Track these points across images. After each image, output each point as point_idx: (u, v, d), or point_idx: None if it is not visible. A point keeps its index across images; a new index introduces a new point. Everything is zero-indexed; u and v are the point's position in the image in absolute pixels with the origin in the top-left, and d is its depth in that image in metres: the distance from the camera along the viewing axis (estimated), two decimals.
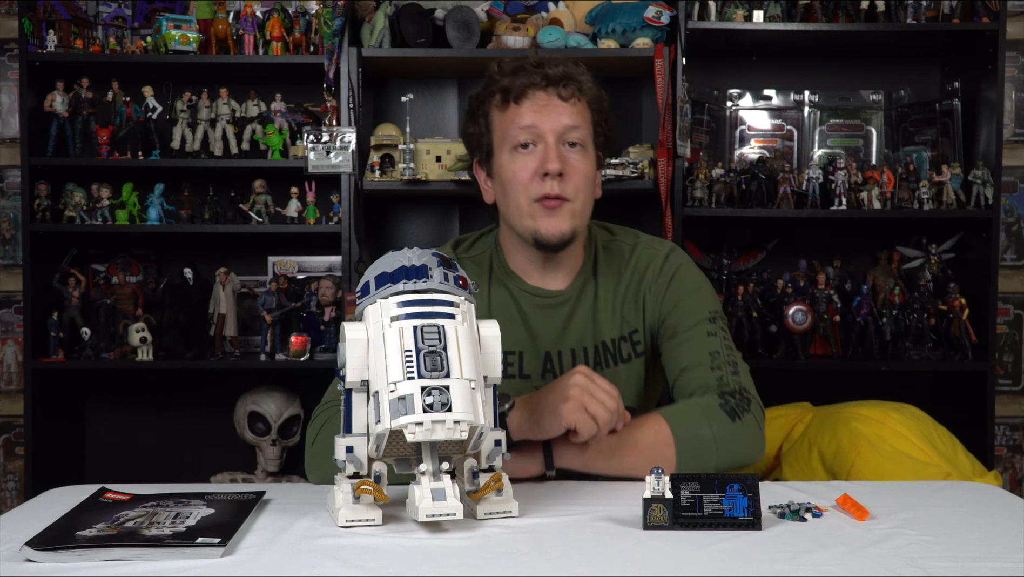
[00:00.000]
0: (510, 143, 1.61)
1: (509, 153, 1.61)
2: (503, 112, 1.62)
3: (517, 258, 1.70)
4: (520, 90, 1.60)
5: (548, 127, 1.59)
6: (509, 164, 1.61)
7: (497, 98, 1.63)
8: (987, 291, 2.76)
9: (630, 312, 1.69)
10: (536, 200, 1.59)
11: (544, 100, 1.60)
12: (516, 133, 1.60)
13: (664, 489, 1.19)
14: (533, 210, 1.59)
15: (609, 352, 1.68)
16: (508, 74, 1.62)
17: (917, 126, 3.02)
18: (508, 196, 1.62)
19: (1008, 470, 3.20)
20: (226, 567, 1.06)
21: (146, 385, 3.12)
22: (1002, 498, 1.41)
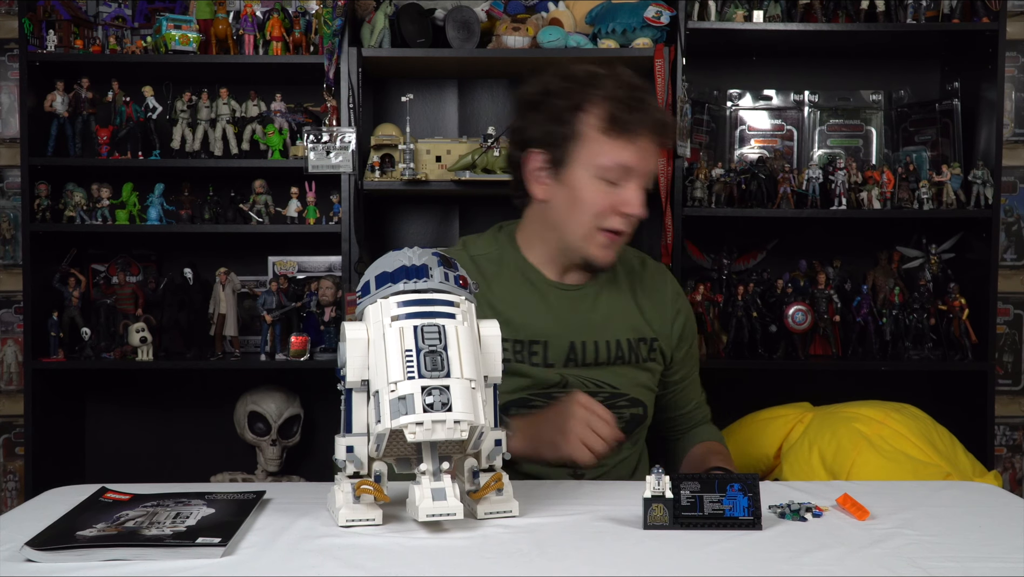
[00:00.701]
0: (599, 170, 1.61)
1: (593, 177, 1.62)
2: (605, 136, 1.61)
3: (540, 255, 1.73)
4: (634, 128, 1.60)
5: (642, 172, 1.63)
6: (590, 187, 1.62)
7: (600, 119, 1.61)
8: (987, 291, 2.76)
9: (654, 323, 1.77)
10: (601, 229, 1.64)
11: (647, 145, 1.62)
12: (611, 166, 1.61)
13: (664, 489, 1.19)
14: (594, 237, 1.65)
15: (632, 350, 1.73)
16: (621, 102, 1.60)
17: (917, 126, 3.02)
18: (573, 214, 1.64)
19: (1008, 470, 3.20)
20: (226, 567, 1.06)
21: (146, 385, 3.12)
22: (1002, 498, 1.41)
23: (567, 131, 1.62)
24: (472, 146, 2.79)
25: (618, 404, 1.72)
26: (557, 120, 1.63)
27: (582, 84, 1.63)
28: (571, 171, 1.63)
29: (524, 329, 1.68)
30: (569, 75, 1.65)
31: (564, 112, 1.62)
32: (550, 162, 1.65)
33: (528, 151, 1.67)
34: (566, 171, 1.63)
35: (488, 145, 2.72)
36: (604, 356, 1.71)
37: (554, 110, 1.63)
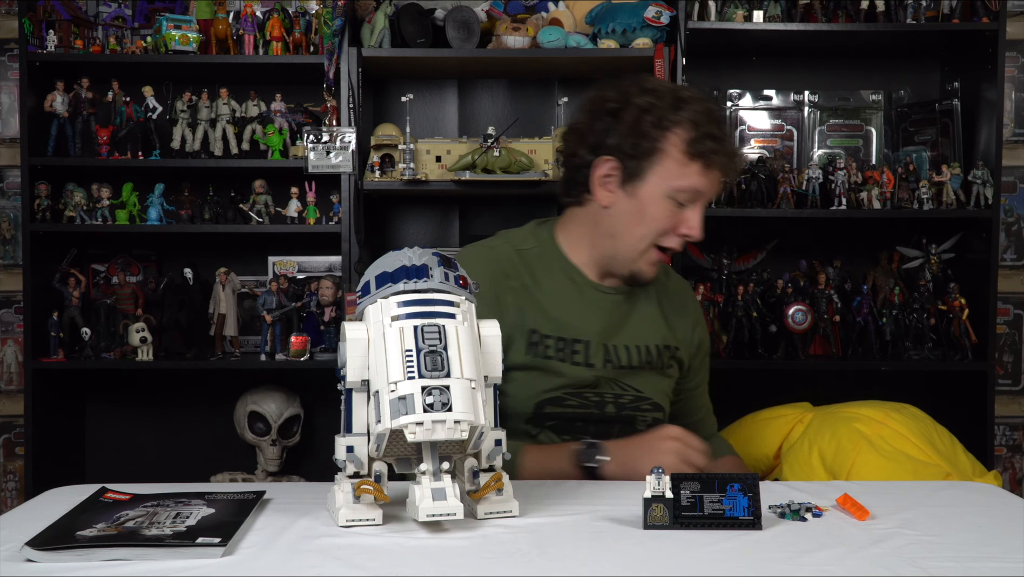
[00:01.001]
0: (673, 191, 1.64)
1: (665, 196, 1.65)
2: (685, 159, 1.63)
3: (584, 256, 1.76)
4: (713, 157, 1.64)
5: (708, 198, 1.69)
6: (659, 205, 1.65)
7: (683, 145, 1.63)
8: (987, 291, 2.76)
9: (676, 331, 1.81)
10: (656, 247, 1.68)
11: (719, 174, 1.67)
12: (686, 188, 1.64)
13: (664, 489, 1.19)
14: (647, 253, 1.69)
15: (660, 356, 1.78)
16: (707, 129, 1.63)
17: (917, 126, 3.02)
18: (635, 227, 1.67)
19: (1008, 470, 3.20)
20: (226, 567, 1.06)
21: (146, 385, 3.12)
22: (1002, 498, 1.41)
23: (649, 147, 1.64)
24: (472, 146, 2.79)
25: (642, 407, 1.76)
26: (641, 134, 1.64)
27: (670, 104, 1.65)
28: (644, 186, 1.65)
29: (569, 328, 1.71)
30: (653, 90, 1.67)
31: (650, 128, 1.64)
32: (622, 172, 1.67)
33: (601, 157, 1.68)
34: (638, 185, 1.66)
35: (488, 145, 2.72)
36: (636, 360, 1.75)
37: (639, 124, 1.64)
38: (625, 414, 1.75)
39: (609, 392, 1.73)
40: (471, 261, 1.70)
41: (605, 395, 1.73)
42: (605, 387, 1.73)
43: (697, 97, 1.68)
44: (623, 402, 1.74)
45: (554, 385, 1.69)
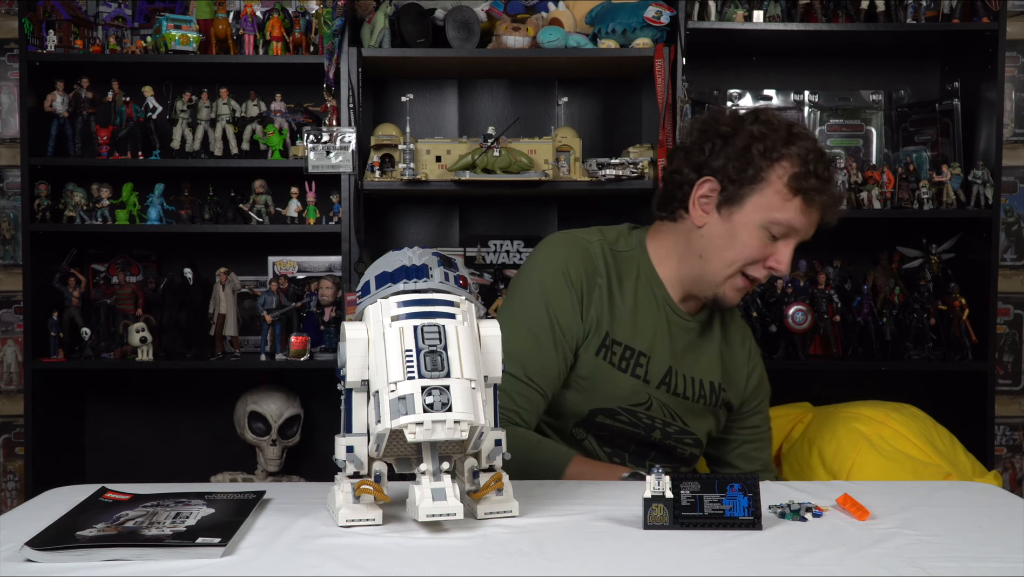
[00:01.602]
0: (769, 223, 1.64)
1: (759, 226, 1.64)
2: (787, 192, 1.63)
3: (670, 272, 1.75)
4: (815, 196, 1.63)
5: (799, 236, 1.67)
6: (752, 233, 1.65)
7: (789, 180, 1.62)
8: (987, 291, 2.76)
9: (729, 372, 1.81)
10: (740, 275, 1.67)
11: (815, 216, 1.66)
12: (782, 222, 1.64)
13: (664, 489, 1.19)
14: (732, 280, 1.68)
15: (713, 393, 1.78)
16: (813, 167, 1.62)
17: (917, 126, 3.02)
18: (725, 252, 1.67)
19: (1008, 470, 3.20)
20: (226, 567, 1.06)
21: (146, 385, 3.12)
22: (1002, 498, 1.41)
23: (753, 174, 1.64)
24: (472, 146, 2.79)
25: (685, 441, 1.78)
26: (748, 160, 1.64)
27: (782, 137, 1.65)
28: (741, 212, 1.65)
29: (639, 339, 1.71)
30: (767, 121, 1.67)
31: (758, 156, 1.63)
32: (721, 194, 1.67)
33: (705, 177, 1.68)
34: (736, 210, 1.65)
35: (488, 145, 2.72)
36: (691, 391, 1.75)
37: (748, 150, 1.64)
38: (668, 443, 1.77)
39: (660, 417, 1.74)
40: (567, 248, 1.72)
41: (656, 420, 1.74)
42: (657, 411, 1.73)
43: (809, 136, 1.69)
44: (669, 431, 1.76)
45: (611, 395, 1.70)
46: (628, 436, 1.74)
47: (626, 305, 1.71)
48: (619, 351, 1.70)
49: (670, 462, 1.77)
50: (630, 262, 1.75)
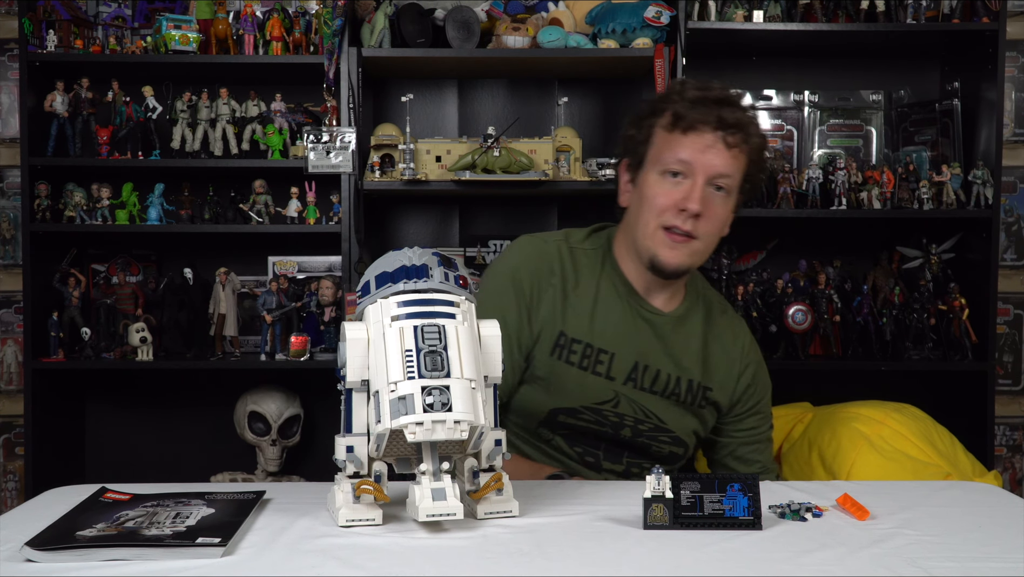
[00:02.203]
0: (662, 167, 1.64)
1: (658, 175, 1.65)
2: (668, 135, 1.64)
3: (628, 266, 1.75)
4: (691, 123, 1.62)
5: (701, 167, 1.63)
6: (654, 186, 1.65)
7: (667, 119, 1.65)
8: (987, 291, 2.76)
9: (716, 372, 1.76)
10: (664, 228, 1.65)
11: (709, 141, 1.63)
12: (670, 161, 1.63)
13: (664, 489, 1.19)
14: (658, 236, 1.66)
15: (689, 392, 1.74)
16: (688, 101, 1.63)
17: (917, 126, 3.02)
18: (641, 213, 1.67)
19: (1008, 470, 3.20)
20: (226, 567, 1.06)
21: (146, 385, 3.12)
22: (1002, 498, 1.41)
23: (642, 136, 1.68)
24: (472, 146, 2.79)
25: (660, 438, 1.74)
26: (636, 126, 1.69)
27: (662, 96, 1.70)
28: (644, 174, 1.68)
29: (599, 336, 1.70)
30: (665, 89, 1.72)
31: (642, 119, 1.68)
32: (631, 168, 1.71)
33: (621, 163, 1.74)
34: (641, 175, 1.69)
35: (488, 145, 2.72)
36: (661, 387, 1.72)
37: (638, 123, 1.69)
38: (640, 441, 1.74)
39: (630, 415, 1.71)
40: (521, 250, 1.74)
41: (625, 417, 1.71)
42: (626, 408, 1.71)
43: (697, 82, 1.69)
44: (641, 429, 1.73)
45: (573, 396, 1.69)
46: (595, 434, 1.72)
47: (584, 303, 1.70)
48: (579, 349, 1.68)
49: (646, 460, 1.74)
50: (593, 260, 1.75)
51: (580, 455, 1.74)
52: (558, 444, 1.73)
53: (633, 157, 1.70)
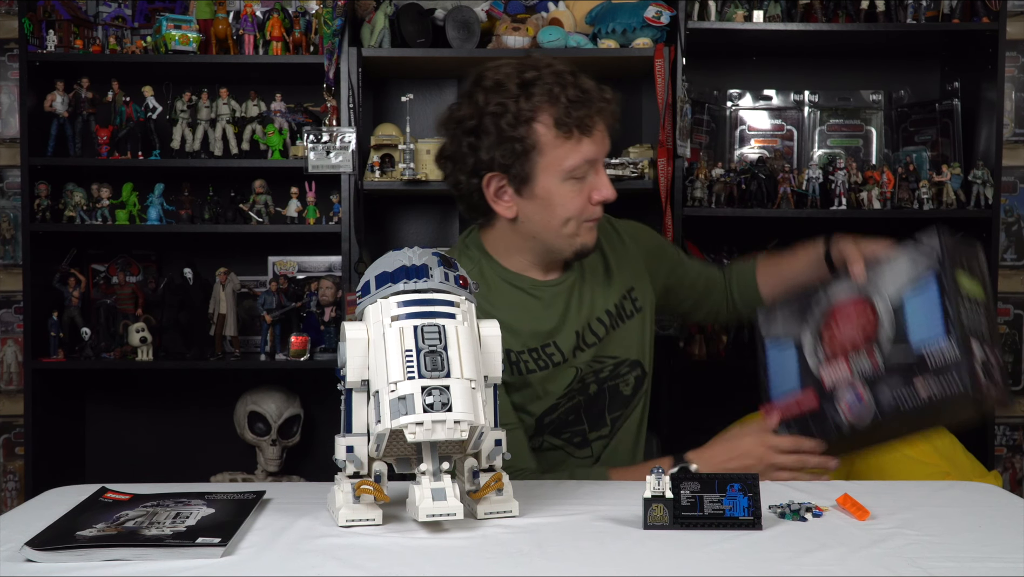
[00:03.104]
0: (566, 173, 1.59)
1: (562, 182, 1.60)
2: (562, 139, 1.57)
3: (521, 262, 1.72)
4: (587, 121, 1.58)
5: (601, 156, 1.63)
6: (562, 192, 1.60)
7: (555, 123, 1.57)
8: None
9: (624, 276, 1.79)
10: (579, 222, 1.64)
11: (600, 130, 1.61)
12: (578, 166, 1.59)
13: (664, 489, 1.19)
14: (580, 230, 1.65)
15: (620, 311, 1.77)
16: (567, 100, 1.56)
17: (917, 126, 3.02)
18: (555, 220, 1.63)
19: (1008, 470, 3.20)
20: (226, 567, 1.06)
21: (146, 385, 3.12)
22: (1002, 498, 1.41)
23: (523, 146, 1.58)
24: None
25: (621, 372, 1.75)
26: (509, 139, 1.58)
27: (518, 93, 1.58)
28: (538, 183, 1.60)
29: (535, 336, 1.68)
30: (498, 86, 1.60)
31: (512, 130, 1.57)
32: (512, 181, 1.61)
33: (485, 176, 1.62)
34: (533, 185, 1.60)
35: None
36: (601, 331, 1.73)
37: (500, 131, 1.58)
38: (608, 386, 1.74)
39: (589, 372, 1.72)
40: None
41: (587, 377, 1.72)
42: (585, 369, 1.71)
43: (541, 66, 1.60)
44: (603, 376, 1.73)
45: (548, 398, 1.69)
46: (574, 413, 1.72)
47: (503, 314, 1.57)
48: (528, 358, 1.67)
49: (620, 404, 1.74)
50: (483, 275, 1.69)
51: (568, 439, 1.74)
52: (549, 443, 1.73)
53: (513, 170, 1.59)
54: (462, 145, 1.63)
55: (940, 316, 1.41)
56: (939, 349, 1.40)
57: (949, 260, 1.43)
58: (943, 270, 1.43)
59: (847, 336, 1.52)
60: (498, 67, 1.64)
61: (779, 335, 1.65)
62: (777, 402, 1.62)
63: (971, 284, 1.45)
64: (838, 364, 1.52)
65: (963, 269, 1.45)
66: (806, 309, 1.60)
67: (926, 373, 1.41)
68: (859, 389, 1.50)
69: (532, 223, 1.65)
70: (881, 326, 1.48)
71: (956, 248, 1.45)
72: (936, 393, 1.40)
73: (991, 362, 1.41)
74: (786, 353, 1.63)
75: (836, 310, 1.55)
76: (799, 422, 1.58)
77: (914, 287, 1.46)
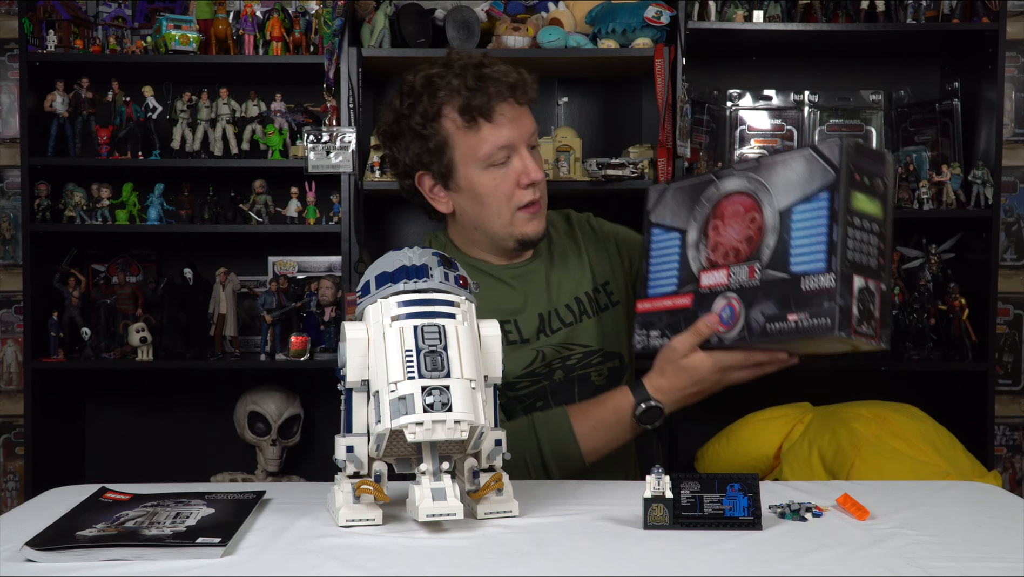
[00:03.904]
0: (483, 161, 1.61)
1: (482, 171, 1.62)
2: (470, 130, 1.60)
3: (482, 250, 1.74)
4: (487, 107, 1.58)
5: (519, 139, 1.61)
6: (486, 181, 1.62)
7: (456, 117, 1.59)
8: (987, 291, 2.76)
9: (601, 268, 1.80)
10: (519, 209, 1.64)
11: (511, 112, 1.61)
12: (492, 152, 1.60)
13: (664, 489, 1.19)
14: (516, 218, 1.65)
15: (591, 302, 1.77)
16: (466, 89, 1.58)
17: (917, 126, 3.02)
18: (487, 209, 1.65)
19: (1008, 470, 3.20)
20: (226, 567, 1.06)
21: (146, 385, 3.12)
22: (1002, 498, 1.41)
23: (435, 143, 1.61)
24: None
25: (593, 361, 1.74)
26: (422, 137, 1.62)
27: (424, 94, 1.61)
28: (460, 176, 1.63)
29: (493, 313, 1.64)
30: (410, 91, 1.64)
31: (424, 128, 1.61)
32: (438, 177, 1.65)
33: (416, 176, 1.67)
34: (456, 178, 1.64)
35: None
36: (569, 318, 1.73)
37: (412, 130, 1.63)
38: (577, 375, 1.73)
39: (556, 358, 1.71)
40: None
41: (553, 363, 1.71)
42: (551, 355, 1.71)
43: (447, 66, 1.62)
44: (571, 364, 1.72)
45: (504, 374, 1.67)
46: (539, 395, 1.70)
47: None
48: None
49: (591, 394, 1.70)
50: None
51: None
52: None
53: (435, 167, 1.63)
54: (391, 151, 1.69)
55: (824, 242, 1.32)
56: (815, 276, 1.33)
57: (847, 180, 1.33)
58: (837, 190, 1.33)
59: (731, 238, 1.46)
60: (418, 70, 1.67)
61: (666, 221, 1.59)
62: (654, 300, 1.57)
63: (869, 203, 1.36)
64: (718, 272, 1.46)
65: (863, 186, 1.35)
66: (696, 196, 1.54)
67: (799, 297, 1.34)
68: (733, 302, 1.45)
69: (468, 215, 1.68)
70: (765, 232, 1.40)
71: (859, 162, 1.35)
72: (804, 324, 1.34)
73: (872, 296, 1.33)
74: (670, 242, 1.57)
75: (724, 204, 1.48)
76: (671, 316, 1.54)
77: (805, 198, 1.37)
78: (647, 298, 1.59)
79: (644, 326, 1.59)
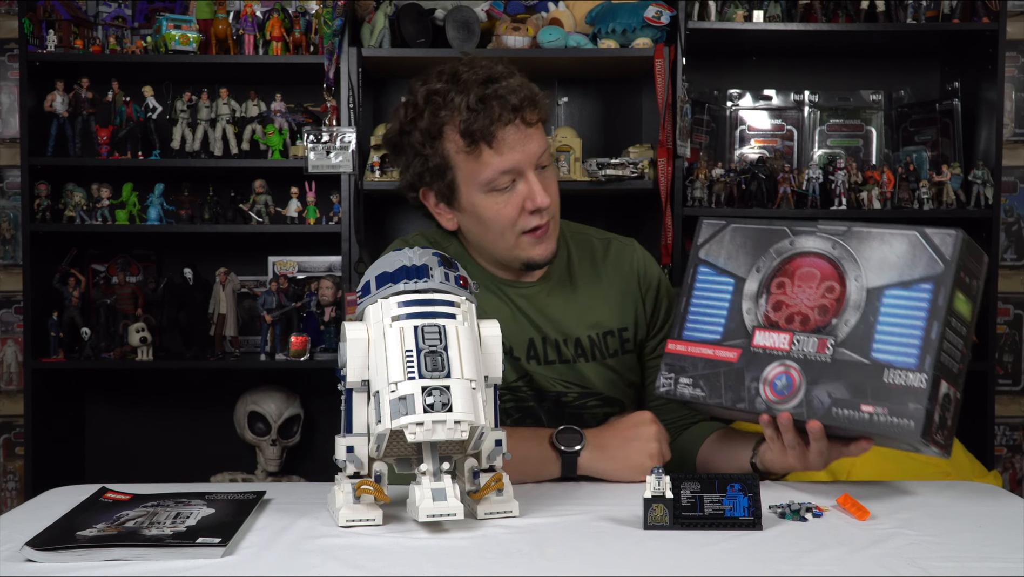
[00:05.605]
0: (485, 186, 1.51)
1: (485, 195, 1.52)
2: (471, 155, 1.49)
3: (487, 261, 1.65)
4: (489, 131, 1.48)
5: (525, 162, 1.51)
6: (487, 205, 1.53)
7: (459, 138, 1.48)
8: (987, 291, 2.76)
9: (619, 309, 1.67)
10: (522, 233, 1.55)
11: (515, 135, 1.49)
12: (495, 178, 1.50)
13: (664, 489, 1.19)
14: (521, 242, 1.56)
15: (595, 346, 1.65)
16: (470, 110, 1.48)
17: (917, 126, 3.02)
18: (490, 232, 1.56)
19: (1008, 470, 3.20)
20: (226, 567, 1.06)
21: (146, 385, 3.12)
22: (1002, 498, 1.41)
23: (438, 163, 1.52)
24: None
25: (589, 404, 1.66)
26: (422, 156, 1.53)
27: (425, 110, 1.52)
28: (463, 197, 1.54)
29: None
30: (412, 103, 1.56)
31: (424, 147, 1.52)
32: (440, 196, 1.57)
33: (420, 191, 1.59)
34: (459, 198, 1.55)
35: None
36: (568, 354, 1.64)
37: (413, 147, 1.53)
38: (569, 412, 1.64)
39: (550, 390, 1.63)
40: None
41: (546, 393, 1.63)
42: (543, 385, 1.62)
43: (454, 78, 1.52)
44: (567, 400, 1.64)
45: None
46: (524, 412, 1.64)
47: None
48: None
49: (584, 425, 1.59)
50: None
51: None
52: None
53: (437, 185, 1.54)
54: (399, 160, 1.60)
55: (920, 337, 1.21)
56: (902, 370, 1.21)
57: (955, 277, 1.21)
58: (943, 286, 1.21)
59: (800, 302, 1.31)
60: (426, 77, 1.58)
61: (719, 262, 1.43)
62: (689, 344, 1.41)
63: (965, 304, 1.24)
64: (779, 334, 1.32)
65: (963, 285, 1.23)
66: (763, 244, 1.39)
67: (878, 388, 1.22)
68: (793, 372, 1.30)
69: (472, 234, 1.61)
70: (845, 307, 1.27)
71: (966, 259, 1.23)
72: (880, 419, 1.22)
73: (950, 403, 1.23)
74: (721, 287, 1.41)
75: (797, 263, 1.34)
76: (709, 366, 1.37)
77: (903, 284, 1.24)
78: (681, 340, 1.42)
79: (673, 370, 1.42)
